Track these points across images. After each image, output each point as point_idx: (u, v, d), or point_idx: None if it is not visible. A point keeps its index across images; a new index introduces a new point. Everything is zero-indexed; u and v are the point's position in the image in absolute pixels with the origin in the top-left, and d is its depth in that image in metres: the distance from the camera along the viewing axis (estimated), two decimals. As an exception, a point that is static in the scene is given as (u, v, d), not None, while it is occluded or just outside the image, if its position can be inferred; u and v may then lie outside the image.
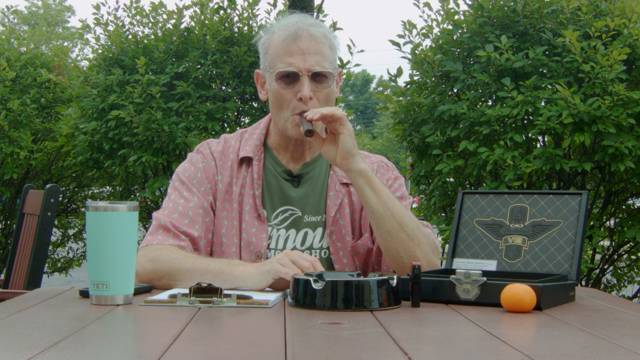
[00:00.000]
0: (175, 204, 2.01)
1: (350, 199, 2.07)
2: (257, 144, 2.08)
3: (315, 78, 1.97)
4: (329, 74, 1.99)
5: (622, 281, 4.59)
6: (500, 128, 3.76)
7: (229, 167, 2.06)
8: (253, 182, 2.03)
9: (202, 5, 4.49)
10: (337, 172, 2.08)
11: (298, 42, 1.97)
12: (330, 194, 2.06)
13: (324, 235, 2.03)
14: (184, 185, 2.03)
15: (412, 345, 1.21)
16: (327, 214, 2.04)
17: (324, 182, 2.08)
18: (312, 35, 1.98)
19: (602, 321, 1.47)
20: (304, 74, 1.96)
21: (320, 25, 2.04)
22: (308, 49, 1.96)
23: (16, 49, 5.63)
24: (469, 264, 1.82)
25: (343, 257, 2.02)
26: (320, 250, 2.03)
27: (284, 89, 1.98)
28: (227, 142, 2.11)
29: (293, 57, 1.96)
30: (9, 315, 1.46)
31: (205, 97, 4.37)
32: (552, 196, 1.81)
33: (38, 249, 3.42)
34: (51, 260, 6.06)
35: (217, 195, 2.04)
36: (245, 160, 2.07)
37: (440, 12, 4.08)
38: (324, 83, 1.99)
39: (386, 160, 2.17)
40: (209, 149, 2.09)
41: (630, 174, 3.71)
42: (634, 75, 3.82)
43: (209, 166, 2.06)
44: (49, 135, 5.52)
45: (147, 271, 1.86)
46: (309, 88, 1.95)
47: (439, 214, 4.22)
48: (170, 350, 1.14)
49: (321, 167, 2.10)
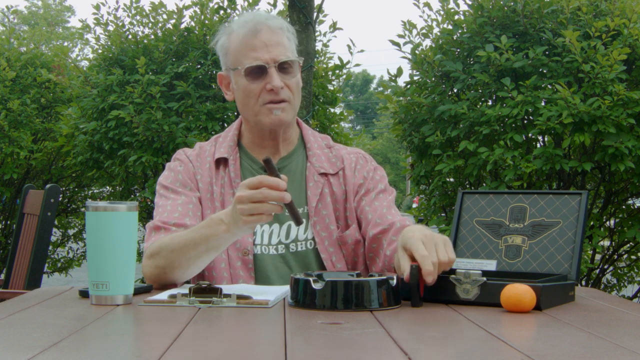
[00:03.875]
0: (163, 207, 2.03)
1: (331, 188, 2.08)
2: (230, 144, 2.11)
3: (282, 69, 2.01)
4: (294, 63, 2.04)
5: (622, 281, 4.59)
6: (500, 128, 3.76)
7: (207, 168, 2.09)
8: (231, 182, 2.05)
9: (202, 5, 4.49)
10: (314, 163, 2.10)
11: (259, 36, 2.01)
12: (310, 185, 2.07)
13: (308, 226, 2.04)
14: (168, 189, 2.06)
15: (412, 345, 1.21)
16: (308, 204, 2.05)
17: (302, 174, 2.10)
18: (271, 28, 2.02)
19: (602, 321, 1.47)
20: (271, 66, 1.99)
21: (277, 18, 2.08)
22: (270, 41, 2.01)
23: (16, 49, 5.63)
24: (468, 263, 1.82)
25: (329, 246, 2.04)
26: (306, 241, 2.04)
27: (252, 84, 2.01)
28: (202, 147, 2.14)
29: (257, 52, 2.00)
30: (9, 315, 1.46)
31: (205, 97, 4.37)
32: (552, 196, 1.81)
33: (38, 249, 3.42)
34: (51, 260, 6.07)
35: (201, 194, 2.06)
36: (222, 162, 2.09)
37: (440, 12, 4.08)
38: (291, 72, 2.03)
39: (363, 152, 2.19)
40: (184, 154, 2.13)
41: (630, 174, 3.71)
42: (634, 75, 3.82)
43: (188, 168, 2.09)
44: (49, 135, 5.52)
45: (151, 268, 1.88)
46: (278, 78, 1.99)
47: (439, 214, 4.22)
48: (170, 350, 1.14)
49: (298, 159, 2.12)
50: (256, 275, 1.99)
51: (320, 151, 2.13)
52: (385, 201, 2.07)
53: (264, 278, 1.99)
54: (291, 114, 2.05)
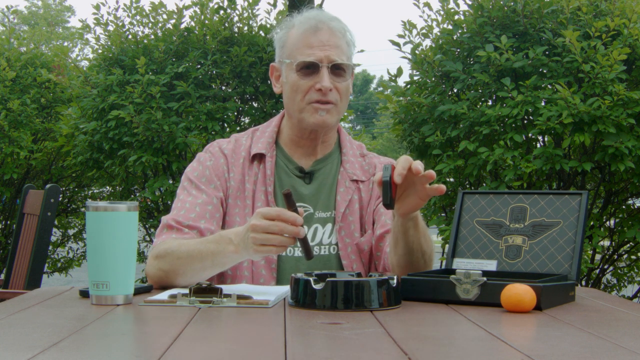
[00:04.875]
0: (182, 202, 2.00)
1: (360, 195, 2.08)
2: (269, 141, 2.09)
3: (334, 71, 1.99)
4: (347, 67, 2.02)
5: (622, 281, 4.60)
6: (500, 128, 3.76)
7: (241, 164, 2.06)
8: (265, 179, 2.04)
9: (202, 5, 4.49)
10: (347, 169, 2.09)
11: (318, 34, 1.99)
12: (341, 190, 2.06)
13: (332, 231, 2.03)
14: (192, 184, 2.03)
15: (412, 345, 1.21)
16: (336, 210, 2.04)
17: (334, 179, 2.09)
18: (332, 29, 2.01)
19: (602, 321, 1.47)
20: (324, 65, 1.98)
21: (339, 21, 2.06)
22: (328, 41, 1.99)
23: (16, 49, 5.63)
24: (469, 264, 1.82)
25: (351, 253, 2.03)
26: (329, 246, 2.03)
27: (302, 80, 1.99)
28: (238, 140, 2.11)
29: (313, 49, 1.98)
30: (9, 315, 1.46)
31: (205, 97, 4.37)
32: (552, 196, 1.81)
33: (38, 249, 3.42)
34: (51, 260, 6.06)
35: (229, 193, 2.03)
36: (257, 157, 2.07)
37: (440, 12, 4.08)
38: (343, 76, 2.01)
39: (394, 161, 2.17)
40: (218, 147, 2.09)
41: (630, 174, 3.71)
42: (634, 75, 3.82)
43: (218, 164, 2.05)
44: (49, 135, 5.52)
45: (155, 269, 1.87)
46: (328, 79, 1.98)
47: (439, 214, 4.22)
48: (170, 350, 1.14)
49: (332, 163, 2.11)
50: (278, 276, 1.98)
51: (354, 158, 2.12)
52: None
53: (286, 279, 1.97)
54: (336, 117, 2.03)
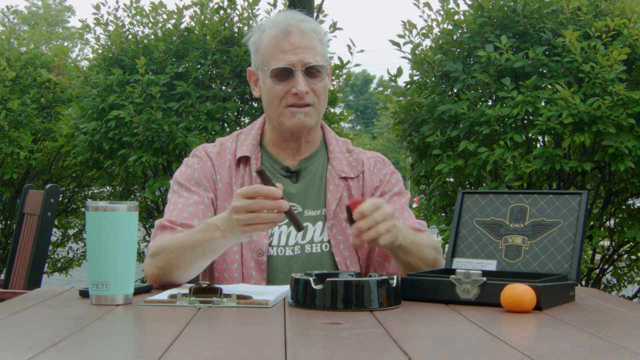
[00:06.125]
0: (174, 204, 2.01)
1: (350, 192, 2.08)
2: (253, 143, 2.10)
3: (309, 72, 1.99)
4: (322, 68, 2.02)
5: (622, 281, 4.59)
6: (500, 128, 3.76)
7: (227, 167, 2.07)
8: (252, 181, 2.04)
9: (202, 5, 4.49)
10: (335, 166, 2.10)
11: (289, 38, 1.99)
12: (330, 188, 2.07)
13: (324, 228, 2.04)
14: (183, 187, 2.05)
15: (412, 345, 1.21)
16: (327, 207, 2.05)
17: (322, 177, 2.09)
18: (303, 31, 2.00)
19: (602, 321, 1.47)
20: (298, 69, 1.98)
21: (310, 21, 2.06)
22: (299, 43, 1.99)
23: (16, 49, 5.63)
24: (469, 263, 1.82)
25: (344, 249, 2.03)
26: (321, 243, 2.03)
27: (277, 85, 2.00)
28: (223, 144, 2.12)
29: (285, 54, 1.98)
30: (9, 315, 1.46)
31: (205, 97, 4.37)
32: (552, 196, 1.81)
33: (38, 249, 3.42)
34: (51, 260, 6.06)
35: (218, 194, 2.05)
36: (243, 160, 2.08)
37: (440, 12, 4.08)
38: (318, 77, 2.01)
39: (382, 156, 2.18)
40: (204, 151, 2.11)
41: (630, 174, 3.71)
42: (634, 75, 3.82)
43: (206, 166, 2.07)
44: (49, 135, 5.52)
45: (152, 268, 1.88)
46: (304, 83, 1.98)
47: (439, 214, 4.22)
48: (170, 350, 1.14)
49: (319, 161, 2.12)
50: (268, 277, 1.98)
51: (341, 155, 2.13)
52: (398, 204, 2.07)
53: (277, 280, 1.97)
54: (315, 118, 2.03)
